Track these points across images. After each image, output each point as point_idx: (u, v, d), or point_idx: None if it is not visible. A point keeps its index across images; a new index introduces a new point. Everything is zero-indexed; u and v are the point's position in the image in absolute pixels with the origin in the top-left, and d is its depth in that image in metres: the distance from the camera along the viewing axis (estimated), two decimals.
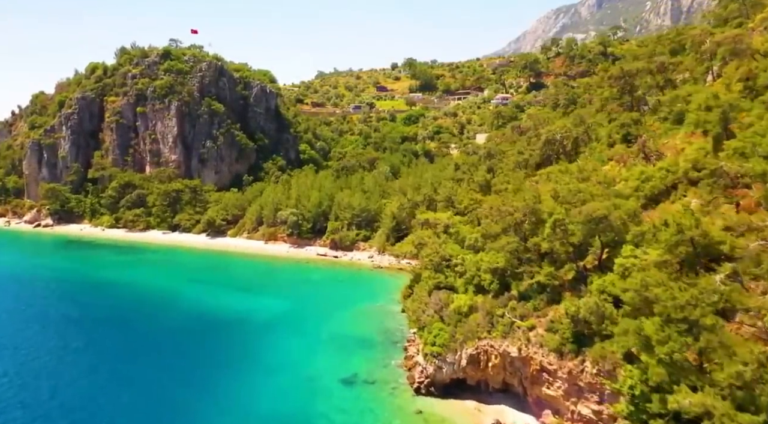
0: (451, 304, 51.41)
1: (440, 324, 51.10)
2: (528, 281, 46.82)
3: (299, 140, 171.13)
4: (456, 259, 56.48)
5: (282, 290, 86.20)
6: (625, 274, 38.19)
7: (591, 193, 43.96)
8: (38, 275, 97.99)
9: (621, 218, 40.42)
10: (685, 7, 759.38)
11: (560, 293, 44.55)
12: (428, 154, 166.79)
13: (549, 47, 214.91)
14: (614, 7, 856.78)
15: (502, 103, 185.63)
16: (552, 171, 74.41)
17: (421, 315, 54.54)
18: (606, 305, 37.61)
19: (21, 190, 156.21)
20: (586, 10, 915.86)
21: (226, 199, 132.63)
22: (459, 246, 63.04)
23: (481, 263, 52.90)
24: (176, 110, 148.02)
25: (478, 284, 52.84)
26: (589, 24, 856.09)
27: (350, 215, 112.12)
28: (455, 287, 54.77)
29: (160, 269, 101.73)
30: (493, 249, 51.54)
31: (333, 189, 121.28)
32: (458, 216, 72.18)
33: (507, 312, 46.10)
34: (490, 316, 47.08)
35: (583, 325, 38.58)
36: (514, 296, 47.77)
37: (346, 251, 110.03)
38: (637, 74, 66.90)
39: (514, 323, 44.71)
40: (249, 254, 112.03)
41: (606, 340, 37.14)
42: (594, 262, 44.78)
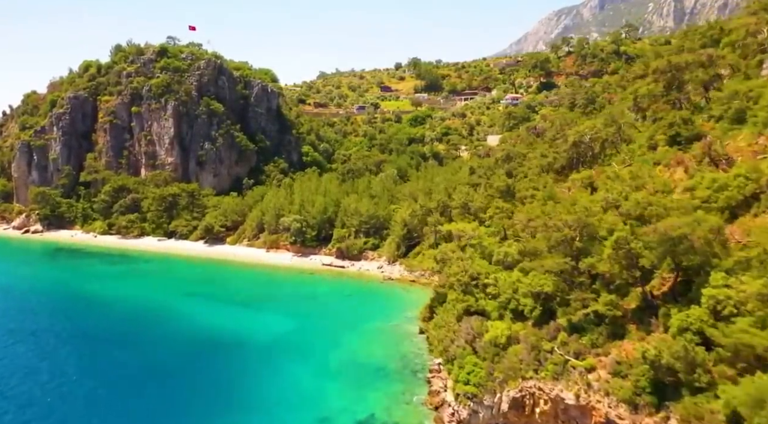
0: (486, 333, 43.81)
1: (473, 358, 43.44)
2: (581, 310, 39.17)
3: (302, 142, 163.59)
4: (487, 278, 48.87)
5: (286, 306, 78.42)
6: (718, 309, 30.61)
7: (664, 205, 36.30)
8: (24, 287, 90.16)
9: (705, 237, 32.83)
10: (688, 9, 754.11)
11: (623, 326, 36.95)
12: (437, 157, 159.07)
13: (559, 46, 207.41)
14: (616, 9, 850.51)
15: (512, 103, 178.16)
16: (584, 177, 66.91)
17: (449, 345, 46.88)
18: (696, 348, 29.96)
19: (10, 194, 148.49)
20: (588, 12, 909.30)
21: (225, 205, 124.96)
22: (486, 261, 55.53)
23: (518, 284, 45.32)
24: (173, 110, 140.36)
25: (515, 309, 45.28)
26: (591, 25, 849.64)
27: (357, 222, 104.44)
28: (487, 312, 47.15)
29: (154, 281, 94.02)
30: (533, 269, 43.99)
31: (338, 194, 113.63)
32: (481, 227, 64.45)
33: (557, 347, 38.47)
34: (536, 351, 39.44)
35: (665, 372, 30.91)
36: (562, 327, 40.14)
37: (354, 260, 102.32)
38: (686, 68, 59.29)
39: (568, 361, 37.06)
40: (249, 264, 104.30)
41: (698, 393, 29.52)
42: (663, 288, 37.24)
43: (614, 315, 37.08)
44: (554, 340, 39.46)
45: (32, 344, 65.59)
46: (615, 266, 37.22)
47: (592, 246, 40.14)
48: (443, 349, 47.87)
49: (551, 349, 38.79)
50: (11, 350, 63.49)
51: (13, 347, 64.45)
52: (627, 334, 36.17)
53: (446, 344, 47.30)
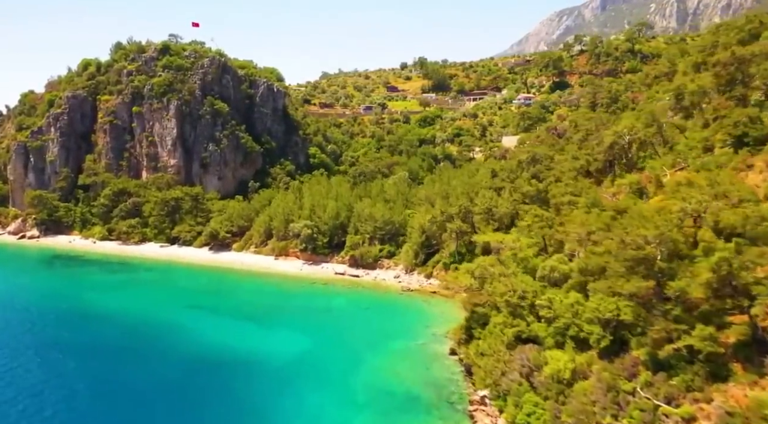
0: (545, 366, 37.39)
1: (533, 396, 36.98)
2: (668, 344, 32.71)
3: (309, 143, 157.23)
4: (537, 298, 42.43)
5: (299, 321, 71.82)
6: None
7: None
8: (17, 298, 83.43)
9: None
10: (690, 9, 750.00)
11: (725, 366, 30.51)
12: (449, 158, 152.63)
13: (571, 44, 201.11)
14: (618, 9, 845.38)
15: (525, 103, 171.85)
16: (631, 182, 60.66)
17: (499, 378, 40.38)
18: None
19: (5, 197, 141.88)
20: (590, 13, 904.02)
21: (231, 209, 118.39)
22: (530, 277, 49.13)
23: (579, 307, 38.90)
24: (176, 110, 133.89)
25: (577, 337, 38.87)
26: (593, 26, 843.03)
27: (372, 228, 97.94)
28: (540, 338, 40.75)
29: (156, 291, 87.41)
30: (599, 291, 37.56)
31: (351, 198, 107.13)
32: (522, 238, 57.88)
33: (640, 388, 32.03)
34: (613, 392, 32.98)
35: None
36: (641, 362, 33.73)
37: (368, 269, 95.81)
38: (752, 60, 52.85)
39: (659, 407, 30.61)
40: (257, 273, 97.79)
41: None
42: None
43: (713, 352, 30.64)
44: (634, 378, 33.01)
45: (35, 363, 59.28)
46: (711, 291, 30.82)
47: (678, 266, 33.72)
48: (493, 382, 41.26)
49: (633, 390, 32.32)
50: (16, 369, 57.30)
51: (17, 366, 58.23)
52: (731, 375, 29.74)
53: (496, 376, 40.79)
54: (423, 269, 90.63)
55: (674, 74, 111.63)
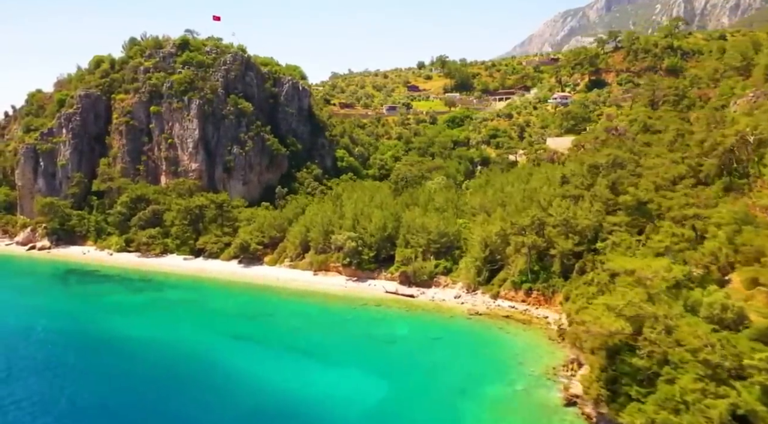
0: None
1: None
2: None
3: (335, 145, 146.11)
4: (749, 357, 31.18)
5: (363, 355, 60.61)
6: None
7: None
8: (27, 323, 72.05)
9: None
10: (698, 9, 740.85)
11: None
12: (486, 162, 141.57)
13: (605, 41, 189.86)
14: (623, 10, 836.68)
15: (562, 102, 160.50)
16: None
17: None
18: None
19: (13, 204, 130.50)
20: (595, 13, 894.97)
21: (261, 218, 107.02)
22: (693, 317, 37.89)
23: None
24: (198, 110, 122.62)
25: None
26: (598, 27, 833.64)
27: (425, 241, 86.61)
28: (760, 416, 29.56)
29: (187, 315, 76.06)
30: None
31: (397, 207, 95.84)
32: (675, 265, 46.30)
33: None
34: None
35: None
36: None
37: (423, 287, 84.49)
38: None
39: None
40: (296, 291, 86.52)
41: None
42: None
43: None
44: None
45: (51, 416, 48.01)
46: None
47: None
48: None
49: None
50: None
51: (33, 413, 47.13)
52: None
53: None
54: (487, 289, 79.40)
55: (749, 69, 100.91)
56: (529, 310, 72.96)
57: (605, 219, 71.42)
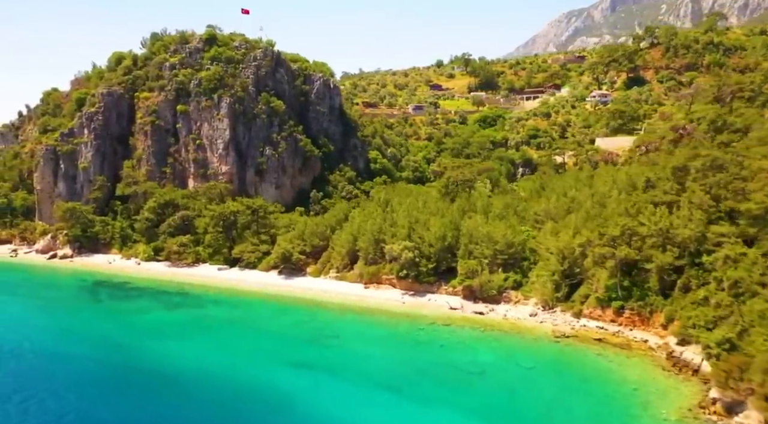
0: None
1: None
2: None
3: (368, 146, 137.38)
4: None
5: (450, 390, 51.52)
6: None
7: None
8: (52, 349, 62.75)
9: None
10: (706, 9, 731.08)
11: None
12: (528, 164, 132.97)
13: (641, 37, 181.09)
14: (628, 11, 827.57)
15: (602, 101, 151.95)
16: None
17: None
18: None
19: (30, 209, 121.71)
20: (599, 14, 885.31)
21: (301, 225, 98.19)
22: None
23: None
24: (228, 108, 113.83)
25: None
26: (603, 27, 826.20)
27: (491, 252, 77.84)
28: None
29: (238, 337, 67.12)
30: None
31: (454, 213, 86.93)
32: None
33: None
34: None
35: None
36: None
37: (490, 303, 75.73)
38: None
39: None
40: (349, 306, 77.75)
41: None
42: None
43: None
44: None
45: None
46: None
47: None
48: None
49: None
50: None
51: None
52: None
53: None
54: (567, 306, 70.63)
55: None
56: (621, 332, 64.17)
57: (708, 229, 62.95)
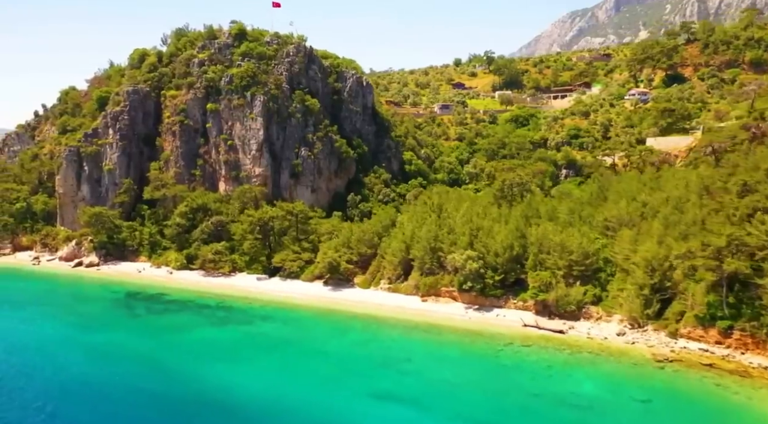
0: None
1: None
2: None
3: (402, 147, 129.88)
4: None
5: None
6: None
7: None
8: (91, 376, 54.97)
9: None
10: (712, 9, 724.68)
11: None
12: (572, 165, 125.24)
13: (677, 32, 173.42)
14: (633, 10, 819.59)
15: (642, 99, 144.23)
16: None
17: None
18: None
19: (52, 213, 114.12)
20: (604, 14, 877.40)
21: (346, 232, 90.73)
22: None
23: None
24: (262, 107, 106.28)
25: None
26: (608, 27, 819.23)
27: (565, 263, 70.40)
28: None
29: (294, 359, 59.54)
30: None
31: (519, 220, 79.31)
32: None
33: None
34: None
35: None
36: None
37: (568, 319, 68.29)
38: None
39: None
40: (412, 322, 70.22)
41: None
42: None
43: None
44: None
45: None
46: None
47: None
48: None
49: None
50: None
51: None
52: None
53: None
54: (660, 324, 63.20)
55: None
56: (732, 356, 56.75)
57: None
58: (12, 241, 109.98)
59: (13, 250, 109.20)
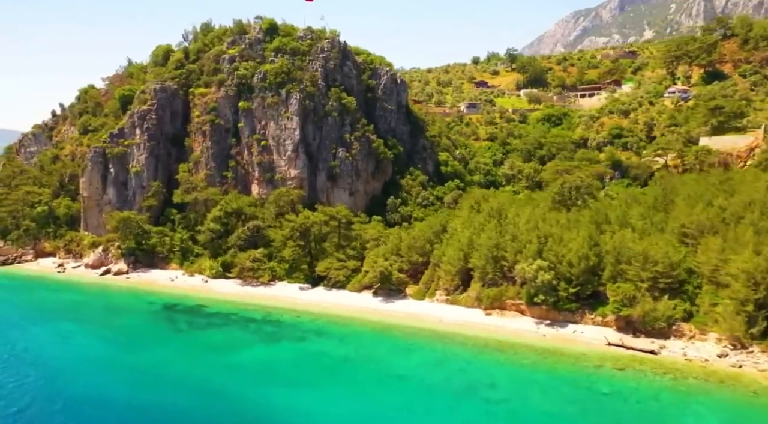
0: None
1: None
2: None
3: (437, 147, 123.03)
4: None
5: None
6: None
7: None
8: (141, 401, 48.51)
9: None
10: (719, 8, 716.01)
11: None
12: (617, 166, 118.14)
13: (712, 28, 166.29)
14: (637, 10, 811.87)
15: (682, 97, 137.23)
16: None
17: None
18: None
19: (75, 218, 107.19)
20: (608, 13, 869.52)
21: (395, 238, 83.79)
22: None
23: None
24: (298, 105, 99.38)
25: None
26: (612, 27, 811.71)
27: (650, 274, 63.44)
28: None
29: (364, 384, 52.48)
30: None
31: (590, 227, 72.29)
32: None
33: None
34: None
35: None
36: None
37: (655, 337, 61.35)
38: None
39: None
40: (481, 339, 63.21)
41: None
42: None
43: None
44: None
45: None
46: None
47: None
48: None
49: None
50: None
51: None
52: None
53: None
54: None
55: None
56: None
57: None
58: (34, 247, 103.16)
59: (36, 256, 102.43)
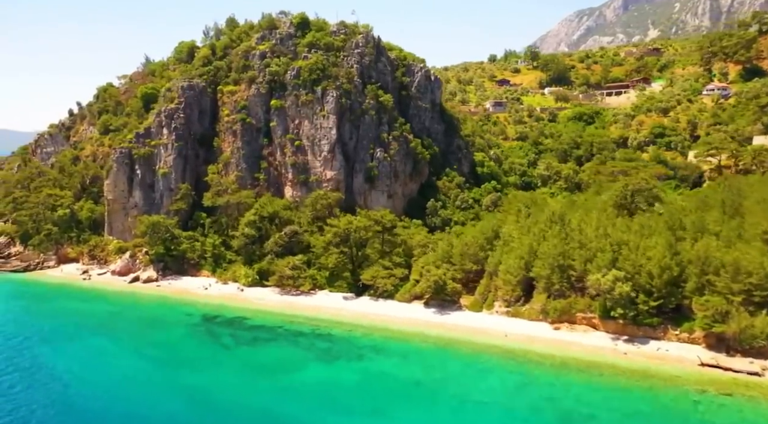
0: None
1: None
2: None
3: (472, 147, 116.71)
4: None
5: None
6: None
7: None
8: None
9: None
10: (724, 7, 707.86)
11: None
12: None
13: (748, 23, 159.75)
14: (641, 9, 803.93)
15: (722, 95, 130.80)
16: None
17: None
18: None
19: (99, 222, 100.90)
20: (612, 13, 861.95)
21: (446, 244, 77.37)
22: None
23: None
24: (335, 103, 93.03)
25: None
26: (616, 26, 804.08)
27: (743, 287, 57.06)
28: None
29: (447, 415, 46.29)
30: None
31: (667, 234, 65.80)
32: None
33: None
34: None
35: None
36: None
37: (754, 357, 54.95)
38: None
39: None
40: (553, 358, 56.91)
41: None
42: None
43: None
44: None
45: None
46: None
47: None
48: None
49: None
50: None
51: None
52: None
53: None
54: None
55: None
56: None
57: None
58: (56, 252, 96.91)
59: (58, 262, 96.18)
